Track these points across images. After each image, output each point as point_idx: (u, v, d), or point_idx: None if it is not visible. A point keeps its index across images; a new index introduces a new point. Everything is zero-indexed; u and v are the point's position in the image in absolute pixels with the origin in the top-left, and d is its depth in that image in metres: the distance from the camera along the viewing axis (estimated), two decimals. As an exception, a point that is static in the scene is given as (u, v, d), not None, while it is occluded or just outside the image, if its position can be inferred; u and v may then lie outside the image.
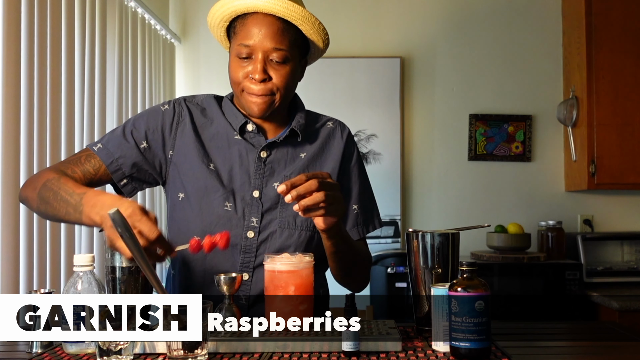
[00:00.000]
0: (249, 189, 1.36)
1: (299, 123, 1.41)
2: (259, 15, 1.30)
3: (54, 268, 2.01)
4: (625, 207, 3.41)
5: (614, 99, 3.09)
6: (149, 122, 1.39)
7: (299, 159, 1.40)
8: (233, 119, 1.40)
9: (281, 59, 1.30)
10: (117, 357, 1.00)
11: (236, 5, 1.31)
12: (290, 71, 1.32)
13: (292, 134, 1.40)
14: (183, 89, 3.51)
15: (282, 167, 1.39)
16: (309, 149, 1.42)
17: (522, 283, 2.92)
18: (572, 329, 1.42)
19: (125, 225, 1.02)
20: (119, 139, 1.37)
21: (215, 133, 1.40)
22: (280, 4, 1.28)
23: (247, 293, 1.34)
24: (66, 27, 2.16)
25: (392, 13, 3.45)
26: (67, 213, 1.19)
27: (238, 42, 1.32)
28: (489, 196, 3.42)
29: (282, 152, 1.39)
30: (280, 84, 1.32)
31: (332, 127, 1.47)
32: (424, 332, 1.19)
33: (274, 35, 1.29)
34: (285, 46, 1.30)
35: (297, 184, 1.12)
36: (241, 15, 1.33)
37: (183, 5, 3.51)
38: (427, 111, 3.44)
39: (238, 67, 1.34)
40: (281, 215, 1.37)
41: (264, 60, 1.30)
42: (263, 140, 1.39)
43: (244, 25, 1.32)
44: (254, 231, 1.35)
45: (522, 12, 3.46)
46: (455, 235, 1.21)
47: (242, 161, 1.38)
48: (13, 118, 1.82)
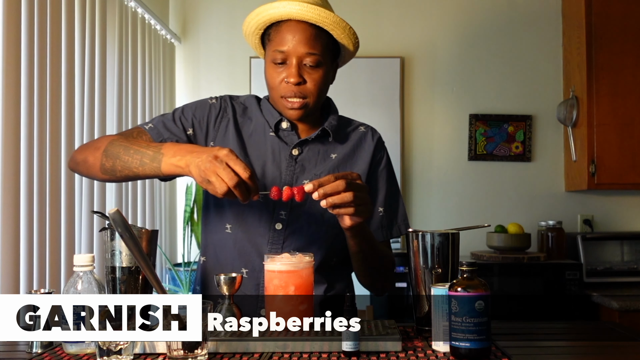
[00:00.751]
0: (279, 184, 1.41)
1: (331, 124, 1.46)
2: (292, 22, 1.36)
3: (54, 268, 2.01)
4: (625, 207, 3.41)
5: (614, 99, 3.09)
6: (197, 112, 1.45)
7: (329, 159, 1.45)
8: (269, 117, 1.46)
9: (314, 63, 1.36)
10: (117, 357, 1.00)
11: (271, 14, 1.36)
12: (323, 75, 1.38)
13: (324, 134, 1.45)
14: (183, 89, 3.51)
15: (312, 165, 1.43)
16: (340, 150, 1.46)
17: (522, 283, 2.92)
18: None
19: (125, 225, 1.02)
20: (169, 122, 1.42)
21: (253, 130, 1.46)
22: (313, 11, 1.33)
23: None
24: (66, 27, 2.16)
25: (392, 13, 3.45)
26: (141, 163, 1.23)
27: (273, 49, 1.37)
28: (489, 196, 3.42)
29: (314, 151, 1.44)
30: (314, 88, 1.37)
31: (364, 131, 1.52)
32: (424, 332, 1.19)
33: (307, 41, 1.35)
34: (318, 51, 1.36)
35: (325, 184, 1.16)
36: (275, 23, 1.39)
37: (183, 5, 3.51)
38: (427, 111, 3.44)
39: (274, 73, 1.38)
40: (310, 211, 1.40)
41: (298, 65, 1.35)
42: (296, 138, 1.45)
43: (278, 32, 1.37)
44: (282, 223, 1.40)
45: (522, 12, 3.46)
46: (455, 235, 1.21)
47: (275, 157, 1.43)
48: (13, 118, 1.82)
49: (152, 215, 3.05)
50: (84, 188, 2.29)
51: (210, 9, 3.50)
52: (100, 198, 2.41)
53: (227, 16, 3.49)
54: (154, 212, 3.08)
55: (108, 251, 1.20)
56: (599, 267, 3.07)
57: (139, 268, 1.16)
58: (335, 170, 1.43)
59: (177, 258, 3.45)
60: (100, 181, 1.38)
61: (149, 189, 3.02)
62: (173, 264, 3.27)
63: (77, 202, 2.23)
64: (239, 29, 3.97)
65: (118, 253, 1.18)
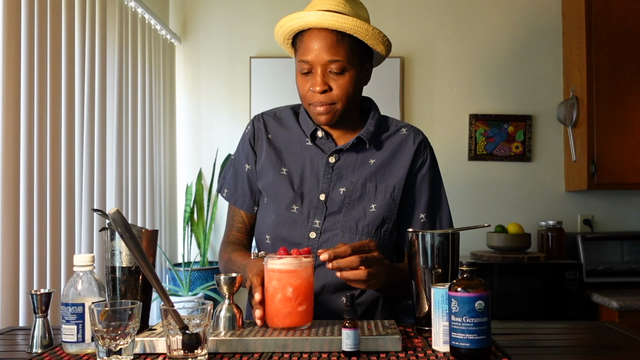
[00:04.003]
0: (316, 192, 1.44)
1: (368, 131, 1.45)
2: (313, 31, 1.36)
3: (54, 268, 2.01)
4: (625, 207, 3.41)
5: (614, 99, 3.09)
6: (242, 148, 1.54)
7: (367, 165, 1.45)
8: (305, 126, 1.48)
9: (339, 69, 1.36)
10: (117, 357, 0.99)
11: (292, 25, 1.39)
12: (349, 80, 1.37)
13: (360, 141, 1.45)
14: (183, 89, 3.51)
15: (350, 173, 1.44)
16: (378, 155, 1.46)
17: (522, 283, 2.92)
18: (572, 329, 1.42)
19: (125, 225, 1.02)
20: (232, 176, 1.55)
21: (290, 140, 1.49)
22: (331, 17, 1.33)
23: None
24: (66, 27, 2.16)
25: (392, 13, 3.45)
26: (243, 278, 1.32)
27: (299, 59, 1.40)
28: (489, 196, 3.42)
29: (351, 158, 1.45)
30: (341, 94, 1.37)
31: (406, 134, 1.50)
32: (424, 332, 1.19)
33: (329, 48, 1.34)
34: (342, 57, 1.35)
35: (341, 256, 1.18)
36: (299, 32, 1.40)
37: (183, 5, 3.51)
38: (427, 111, 3.45)
39: (302, 83, 1.40)
40: (344, 220, 1.42)
41: (323, 73, 1.36)
42: (333, 146, 1.46)
43: (301, 42, 1.39)
44: (316, 232, 1.42)
45: (522, 12, 3.46)
46: (455, 235, 1.21)
47: (313, 165, 1.46)
48: (13, 118, 1.82)
49: (152, 215, 3.05)
50: (84, 188, 2.29)
51: (210, 9, 3.50)
52: (100, 198, 2.41)
53: (227, 16, 3.49)
54: (154, 212, 3.08)
55: (108, 251, 1.20)
56: (599, 267, 3.07)
57: (139, 268, 1.16)
58: (374, 178, 1.43)
59: (177, 258, 3.45)
60: None
61: (149, 189, 3.02)
62: (173, 264, 3.27)
63: (77, 201, 2.23)
64: (239, 29, 3.99)
65: (118, 253, 1.18)
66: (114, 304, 1.03)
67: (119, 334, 0.98)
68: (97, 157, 2.41)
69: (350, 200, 1.42)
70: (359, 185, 1.43)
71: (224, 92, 3.49)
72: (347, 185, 1.42)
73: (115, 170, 2.62)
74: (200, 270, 3.17)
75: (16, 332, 1.34)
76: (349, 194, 1.42)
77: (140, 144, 2.93)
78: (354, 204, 1.42)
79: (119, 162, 2.66)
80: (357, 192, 1.42)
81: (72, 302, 1.10)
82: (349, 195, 1.42)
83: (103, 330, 0.98)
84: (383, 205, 1.42)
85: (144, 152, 2.97)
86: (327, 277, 1.39)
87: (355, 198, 1.42)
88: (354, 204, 1.42)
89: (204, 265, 3.24)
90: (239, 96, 3.46)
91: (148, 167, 3.02)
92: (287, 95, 3.38)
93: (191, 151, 3.50)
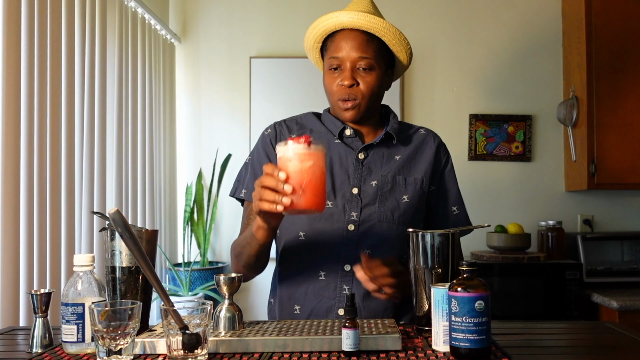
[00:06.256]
0: (348, 187, 1.49)
1: (394, 127, 1.54)
2: (345, 31, 1.46)
3: (54, 268, 2.01)
4: (625, 207, 3.41)
5: (614, 99, 3.09)
6: (262, 147, 1.56)
7: (393, 160, 1.52)
8: (332, 126, 1.55)
9: (367, 66, 1.45)
10: (117, 357, 0.99)
11: (326, 24, 1.48)
12: (376, 78, 1.46)
13: (387, 137, 1.53)
14: (183, 89, 3.51)
15: (378, 167, 1.51)
16: (403, 151, 1.54)
17: (522, 283, 2.92)
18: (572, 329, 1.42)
19: (125, 225, 1.02)
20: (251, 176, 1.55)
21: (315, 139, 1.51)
22: (363, 18, 1.43)
23: (350, 284, 1.44)
24: (66, 27, 2.16)
25: (393, 13, 3.44)
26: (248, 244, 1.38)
27: (329, 56, 1.48)
28: (489, 196, 3.42)
29: (379, 154, 1.52)
30: (367, 89, 1.45)
31: (425, 134, 1.60)
32: (424, 332, 1.19)
33: (360, 46, 1.44)
34: (370, 55, 1.45)
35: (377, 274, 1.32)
36: (330, 35, 1.50)
37: (183, 5, 3.51)
38: (427, 111, 3.45)
39: (331, 79, 1.48)
40: (380, 210, 1.47)
41: (352, 69, 1.45)
42: (360, 144, 1.53)
43: (333, 41, 1.48)
44: (354, 224, 1.46)
45: (522, 12, 3.46)
46: (455, 235, 1.21)
47: (342, 162, 1.51)
48: (13, 118, 1.82)
49: (152, 215, 3.05)
50: (84, 188, 2.29)
51: (210, 9, 3.50)
52: (100, 198, 2.41)
53: (227, 16, 3.49)
54: (154, 212, 3.08)
55: (108, 251, 1.20)
56: (599, 267, 3.07)
57: (139, 268, 1.16)
58: (402, 171, 1.51)
59: (177, 258, 3.45)
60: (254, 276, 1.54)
61: (149, 189, 3.02)
62: (173, 264, 3.27)
63: (77, 202, 2.23)
64: (239, 29, 3.99)
65: (118, 253, 1.18)
66: (114, 304, 1.03)
67: (119, 334, 0.98)
68: (97, 157, 2.41)
69: (383, 192, 1.48)
70: (390, 178, 1.50)
71: (224, 92, 3.49)
72: (379, 179, 1.49)
73: (115, 170, 2.62)
74: (200, 270, 3.17)
75: (16, 332, 1.34)
76: (380, 186, 1.48)
77: (140, 144, 2.93)
78: (386, 195, 1.48)
79: (119, 162, 2.66)
80: (389, 184, 1.49)
81: (72, 302, 1.10)
82: (381, 187, 1.48)
83: (103, 330, 0.98)
84: (414, 195, 1.50)
85: (144, 152, 2.97)
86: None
87: (387, 190, 1.49)
88: (387, 195, 1.48)
89: (204, 265, 3.24)
90: (239, 96, 3.46)
91: (148, 167, 3.02)
92: (287, 95, 3.39)
93: (191, 151, 3.49)
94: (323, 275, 1.45)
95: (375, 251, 1.43)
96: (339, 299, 1.43)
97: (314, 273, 1.45)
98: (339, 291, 1.43)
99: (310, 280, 1.46)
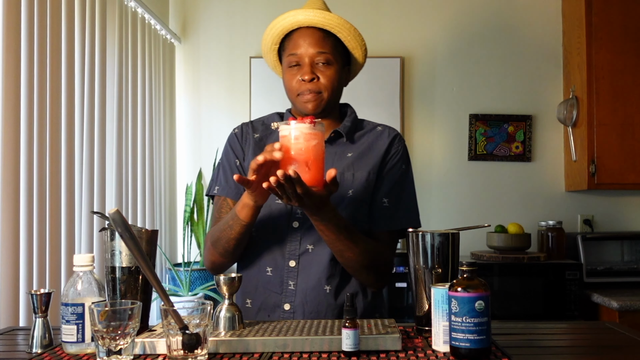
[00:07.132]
0: None
1: (345, 127, 1.56)
2: (302, 29, 1.51)
3: (54, 268, 2.01)
4: (625, 207, 3.41)
5: (614, 99, 3.09)
6: (230, 146, 1.60)
7: (345, 157, 1.53)
8: None
9: (325, 61, 1.48)
10: (117, 357, 0.99)
11: (283, 24, 1.52)
12: (334, 73, 1.50)
13: (338, 136, 1.55)
14: (183, 89, 3.51)
15: (329, 164, 1.49)
16: (356, 148, 1.55)
17: (522, 283, 2.92)
18: (572, 329, 1.42)
19: (125, 225, 1.02)
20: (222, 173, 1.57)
21: (275, 139, 1.53)
22: (319, 15, 1.48)
23: (295, 279, 1.45)
24: (66, 27, 2.16)
25: (392, 13, 3.45)
26: (229, 227, 1.40)
27: (287, 54, 1.51)
28: (489, 196, 3.42)
29: (331, 152, 1.53)
30: (327, 83, 1.48)
31: (381, 130, 1.60)
32: (424, 332, 1.19)
33: (317, 42, 1.48)
34: (328, 50, 1.49)
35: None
36: (287, 35, 1.54)
37: (183, 5, 3.51)
38: (427, 111, 3.45)
39: (290, 76, 1.51)
40: None
41: (311, 64, 1.48)
42: None
43: (290, 40, 1.52)
44: (299, 221, 1.47)
45: (522, 12, 3.46)
46: (455, 235, 1.21)
47: None
48: (13, 118, 1.82)
49: (152, 215, 3.05)
50: (84, 188, 2.29)
51: (210, 9, 3.50)
52: (100, 198, 2.41)
53: (227, 16, 3.49)
54: (154, 212, 3.08)
55: (108, 251, 1.20)
56: (599, 267, 3.07)
57: (139, 268, 1.16)
58: (351, 167, 1.50)
59: (177, 258, 3.45)
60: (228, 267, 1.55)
61: (149, 189, 3.02)
62: (173, 264, 3.27)
63: (77, 202, 2.23)
64: (239, 29, 3.99)
65: (118, 253, 1.18)
66: (114, 304, 1.03)
67: (119, 334, 0.98)
68: (97, 157, 2.41)
69: None
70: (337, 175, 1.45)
71: (224, 92, 3.49)
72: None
73: (115, 171, 2.62)
74: (200, 270, 3.17)
75: (16, 332, 1.34)
76: None
77: (140, 144, 2.93)
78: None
79: (119, 162, 2.66)
80: None
81: (72, 302, 1.10)
82: None
83: (103, 330, 0.98)
84: (359, 189, 1.49)
85: (144, 152, 2.97)
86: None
87: None
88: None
89: (204, 265, 3.24)
90: (239, 96, 3.46)
91: (148, 167, 3.02)
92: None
93: (191, 151, 3.49)
94: (270, 270, 1.46)
95: (318, 248, 1.44)
96: (285, 294, 1.44)
97: (262, 268, 1.48)
98: (285, 286, 1.44)
99: (259, 275, 1.48)
